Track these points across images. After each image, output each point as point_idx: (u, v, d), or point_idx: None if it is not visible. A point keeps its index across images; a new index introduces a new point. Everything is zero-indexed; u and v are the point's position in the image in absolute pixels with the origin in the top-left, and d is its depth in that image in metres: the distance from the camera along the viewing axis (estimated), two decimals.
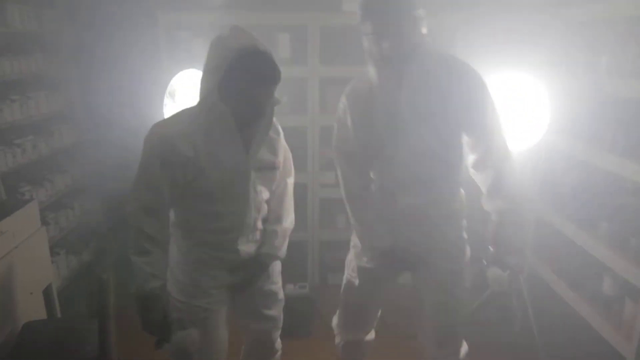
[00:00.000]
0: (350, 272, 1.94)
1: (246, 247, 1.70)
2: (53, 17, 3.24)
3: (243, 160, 1.58)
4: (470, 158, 1.71)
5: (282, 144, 1.75)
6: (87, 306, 2.74)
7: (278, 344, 1.98)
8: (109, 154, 3.18)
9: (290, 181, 1.83)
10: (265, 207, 1.73)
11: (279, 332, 1.95)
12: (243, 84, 1.46)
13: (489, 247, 1.70)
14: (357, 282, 1.88)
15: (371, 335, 2.11)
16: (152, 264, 1.51)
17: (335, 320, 2.09)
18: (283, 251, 1.80)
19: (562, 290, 2.44)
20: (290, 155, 1.84)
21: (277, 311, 1.89)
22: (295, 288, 2.89)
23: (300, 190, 3.18)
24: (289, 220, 1.82)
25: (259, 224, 1.72)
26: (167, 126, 1.56)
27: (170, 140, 1.50)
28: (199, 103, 1.55)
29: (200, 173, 1.53)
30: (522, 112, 2.01)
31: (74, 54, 3.37)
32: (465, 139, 1.68)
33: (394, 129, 1.64)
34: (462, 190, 1.79)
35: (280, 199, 1.79)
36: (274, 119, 1.71)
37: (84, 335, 1.97)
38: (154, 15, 2.82)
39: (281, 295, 1.91)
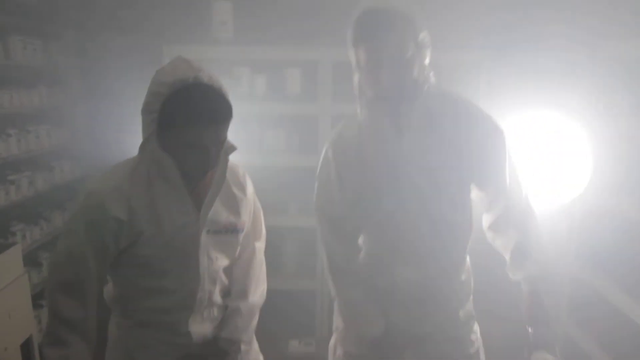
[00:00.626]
0: None
1: (200, 328, 1.40)
2: (59, 49, 3.16)
3: (192, 222, 1.32)
4: (485, 218, 1.47)
5: (250, 201, 1.48)
6: None
7: None
8: None
9: (260, 245, 1.55)
10: (224, 277, 1.45)
11: None
12: (182, 125, 1.21)
13: (528, 327, 1.42)
14: None
15: None
16: (67, 359, 1.24)
17: None
18: (249, 333, 1.50)
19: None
20: (261, 215, 1.57)
21: None
22: (300, 345, 2.65)
23: (308, 235, 2.98)
24: (257, 293, 1.52)
25: (217, 299, 1.43)
26: (99, 181, 1.31)
27: (98, 199, 1.25)
28: (139, 152, 1.31)
29: (137, 239, 1.28)
30: (560, 159, 1.76)
31: (80, 87, 3.28)
32: (476, 195, 1.44)
33: (390, 185, 1.39)
34: (467, 258, 1.53)
35: (245, 268, 1.50)
36: (241, 171, 1.48)
37: None
38: (160, 49, 2.71)
39: None
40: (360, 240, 1.50)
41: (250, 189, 1.50)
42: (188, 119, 1.21)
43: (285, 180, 1.50)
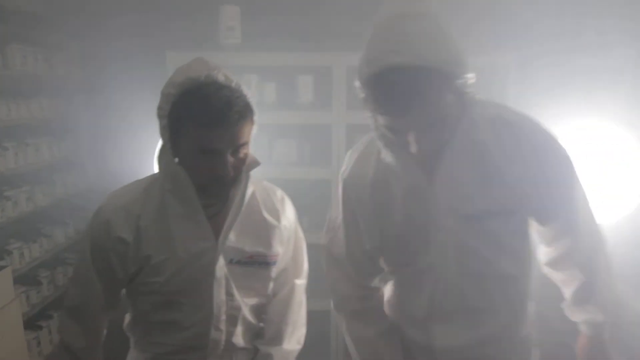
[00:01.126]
0: None
1: None
2: (62, 59, 3.05)
3: (208, 249, 1.16)
4: (544, 252, 1.25)
5: (288, 230, 1.30)
6: None
7: None
8: None
9: (300, 283, 1.36)
10: (250, 317, 1.27)
11: None
12: (192, 128, 1.07)
13: None
14: None
15: None
16: None
17: None
18: None
19: None
20: (303, 247, 1.38)
21: None
22: None
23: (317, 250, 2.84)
24: (294, 338, 1.34)
25: (239, 341, 1.25)
26: (109, 198, 1.19)
27: (104, 218, 1.13)
28: (157, 164, 1.18)
29: (144, 264, 1.14)
30: (612, 170, 1.56)
31: (83, 97, 3.17)
32: (535, 229, 1.22)
33: (421, 238, 1.15)
34: (530, 306, 1.28)
35: (282, 309, 1.32)
36: (279, 194, 1.31)
37: None
38: (164, 55, 2.58)
39: None
40: (384, 284, 1.30)
41: (289, 216, 1.32)
42: (198, 118, 1.07)
43: (296, 193, 1.37)
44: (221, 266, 1.19)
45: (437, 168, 1.10)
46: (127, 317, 1.30)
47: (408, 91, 0.97)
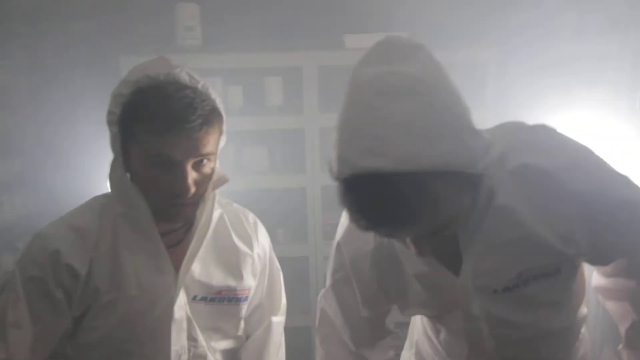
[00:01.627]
0: None
1: None
2: (5, 69, 2.81)
3: (166, 284, 0.99)
4: (597, 279, 1.10)
5: (261, 259, 1.14)
6: None
7: None
8: None
9: (278, 321, 1.20)
10: None
11: None
12: (146, 138, 0.92)
13: None
14: None
15: None
16: None
17: None
18: None
19: None
20: (280, 278, 1.22)
21: None
22: None
23: (300, 265, 2.71)
24: None
25: None
26: (62, 220, 1.01)
27: (49, 245, 0.95)
28: (109, 182, 1.02)
29: (92, 303, 0.96)
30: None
31: (31, 110, 2.93)
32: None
33: (449, 305, 0.99)
34: (584, 335, 1.15)
35: (257, 353, 1.16)
36: (251, 218, 1.15)
37: None
38: (117, 61, 2.39)
39: None
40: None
41: (263, 243, 1.16)
42: (153, 122, 0.91)
43: (269, 204, 1.25)
44: (182, 305, 1.01)
45: (455, 252, 0.92)
46: None
47: (392, 203, 0.75)
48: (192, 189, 0.95)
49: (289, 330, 1.27)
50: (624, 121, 1.67)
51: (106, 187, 1.64)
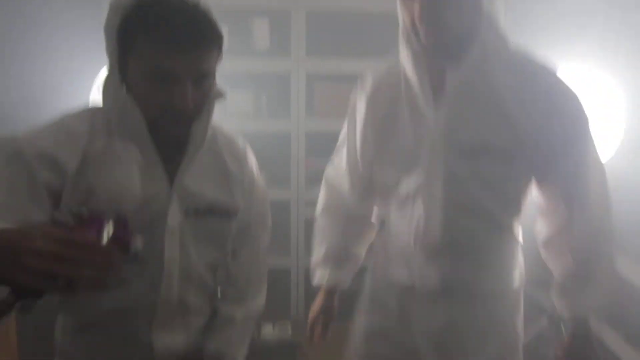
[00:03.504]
0: None
1: (166, 340, 1.09)
2: None
3: (161, 193, 1.02)
4: (540, 228, 1.17)
5: (251, 181, 1.17)
6: None
7: None
8: None
9: (264, 239, 1.26)
10: (207, 276, 1.14)
11: None
12: (146, 46, 0.92)
13: None
14: None
15: None
16: None
17: None
18: (242, 352, 1.21)
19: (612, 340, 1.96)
20: (266, 200, 1.26)
21: None
22: (274, 330, 2.42)
23: (282, 209, 2.75)
24: (258, 299, 1.25)
25: (194, 302, 1.12)
26: (50, 125, 0.99)
27: (42, 143, 0.94)
28: (102, 93, 1.02)
29: (86, 199, 0.95)
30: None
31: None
32: (535, 198, 1.14)
33: (415, 162, 1.11)
34: (520, 259, 1.23)
35: (245, 267, 1.21)
36: (241, 142, 1.18)
37: None
38: None
39: None
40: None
41: (252, 166, 1.20)
42: (155, 33, 0.91)
43: (253, 148, 1.26)
44: (175, 214, 1.04)
45: (447, 87, 1.06)
46: None
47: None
48: (190, 106, 0.96)
49: (269, 272, 1.35)
50: (609, 75, 1.68)
51: None
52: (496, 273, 1.18)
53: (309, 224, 2.74)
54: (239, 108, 2.52)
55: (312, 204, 2.68)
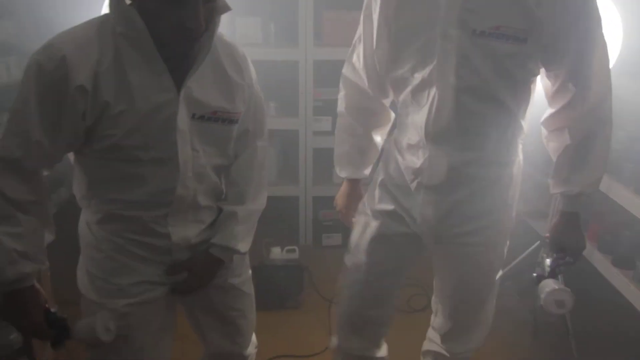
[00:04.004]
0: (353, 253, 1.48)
1: (181, 231, 1.21)
2: None
3: (170, 101, 1.08)
4: (546, 113, 1.22)
5: (249, 88, 1.23)
6: None
7: (252, 344, 1.56)
8: None
9: (262, 145, 1.33)
10: (213, 176, 1.24)
11: (247, 342, 1.53)
12: None
13: (546, 257, 1.29)
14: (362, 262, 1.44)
15: (383, 351, 1.61)
16: (20, 238, 1.07)
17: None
18: (246, 243, 1.32)
19: (601, 263, 2.06)
20: (263, 108, 1.32)
21: (244, 318, 1.45)
22: (282, 253, 2.54)
23: (290, 138, 2.81)
24: (258, 200, 1.33)
25: (204, 200, 1.23)
26: (61, 42, 1.02)
27: (60, 55, 0.99)
28: (109, 7, 1.04)
29: (102, 114, 1.04)
30: None
31: None
32: (542, 83, 1.18)
33: (430, 39, 1.13)
34: (520, 155, 1.29)
35: (244, 170, 1.30)
36: (240, 51, 1.22)
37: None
38: None
39: (250, 290, 1.46)
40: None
41: (251, 74, 1.24)
42: None
43: (261, 77, 1.27)
44: (184, 119, 1.11)
45: None
46: (76, 182, 1.21)
47: None
48: (203, 27, 1.00)
49: (278, 200, 1.43)
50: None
51: None
52: (500, 160, 1.24)
53: (317, 153, 2.82)
54: (247, 37, 2.51)
55: (320, 133, 2.75)
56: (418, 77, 1.17)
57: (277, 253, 2.54)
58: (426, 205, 1.27)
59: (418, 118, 1.21)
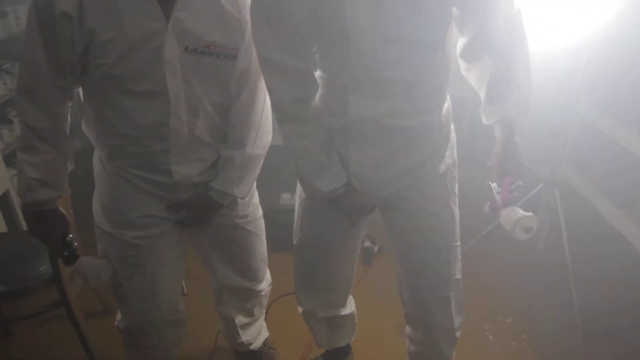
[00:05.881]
0: (297, 218, 1.43)
1: (183, 169, 1.24)
2: None
3: (158, 30, 1.07)
4: (460, 42, 1.15)
5: (249, 24, 1.17)
6: None
7: (266, 280, 1.63)
8: None
9: (263, 86, 1.26)
10: (213, 112, 1.22)
11: (260, 278, 1.59)
12: None
13: (493, 184, 1.27)
14: (306, 229, 1.41)
15: (349, 309, 1.62)
16: (39, 167, 1.14)
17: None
18: (244, 188, 1.32)
19: (601, 203, 2.09)
20: None
21: (253, 257, 1.50)
22: (292, 198, 2.60)
23: None
24: (259, 144, 1.30)
25: (203, 136, 1.23)
26: None
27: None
28: None
29: (90, 42, 1.06)
30: None
31: None
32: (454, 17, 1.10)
33: None
34: (447, 98, 1.24)
35: (244, 111, 1.26)
36: None
37: (40, 253, 1.68)
38: None
39: (259, 230, 1.49)
40: (317, 74, 1.19)
41: (248, 9, 1.20)
42: None
43: None
44: (173, 50, 1.11)
45: None
46: (85, 119, 1.27)
47: None
48: None
49: (274, 148, 1.39)
50: None
51: None
52: (428, 105, 1.17)
53: None
54: None
55: None
56: (331, 32, 1.05)
57: (287, 199, 2.61)
58: (356, 163, 1.21)
59: (338, 70, 1.11)
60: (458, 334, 1.39)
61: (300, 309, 1.59)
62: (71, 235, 1.25)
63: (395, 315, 1.99)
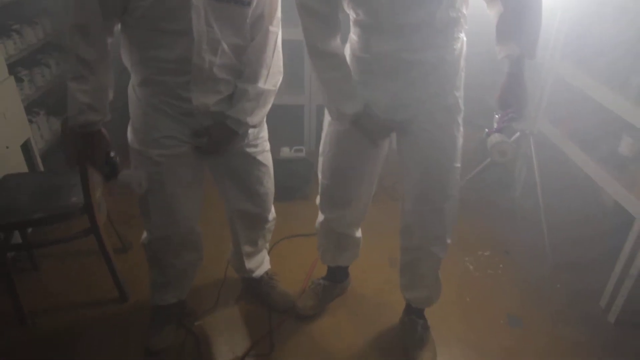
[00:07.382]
0: (325, 139, 1.63)
1: (201, 97, 1.43)
2: None
3: None
4: None
5: None
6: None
7: (271, 214, 1.83)
8: None
9: (274, 30, 1.48)
10: (230, 53, 1.42)
11: (267, 207, 1.78)
12: None
13: (495, 113, 1.45)
14: (333, 148, 1.61)
15: (358, 233, 1.87)
16: (88, 94, 1.32)
17: (318, 199, 1.79)
18: (256, 118, 1.52)
19: (572, 151, 2.30)
20: None
21: (261, 185, 1.69)
22: (291, 152, 2.79)
23: (296, 49, 2.93)
24: (270, 80, 1.51)
25: (220, 73, 1.43)
26: None
27: None
28: None
29: None
30: None
31: None
32: None
33: None
34: (463, 35, 1.41)
35: (257, 52, 1.46)
36: None
37: (69, 187, 1.85)
38: None
39: (266, 162, 1.68)
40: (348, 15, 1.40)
41: None
42: None
43: None
44: None
45: None
46: (123, 51, 1.45)
47: None
48: None
49: (286, 108, 1.52)
50: None
51: None
52: (438, 42, 1.34)
53: None
54: None
55: None
56: None
57: (286, 152, 2.78)
58: (378, 91, 1.41)
59: (369, 16, 1.33)
60: (449, 240, 1.60)
61: (321, 217, 1.80)
62: (113, 153, 1.44)
63: (388, 249, 2.23)
